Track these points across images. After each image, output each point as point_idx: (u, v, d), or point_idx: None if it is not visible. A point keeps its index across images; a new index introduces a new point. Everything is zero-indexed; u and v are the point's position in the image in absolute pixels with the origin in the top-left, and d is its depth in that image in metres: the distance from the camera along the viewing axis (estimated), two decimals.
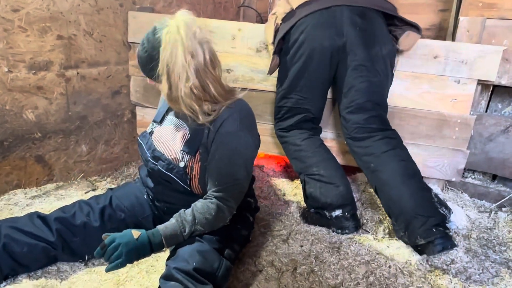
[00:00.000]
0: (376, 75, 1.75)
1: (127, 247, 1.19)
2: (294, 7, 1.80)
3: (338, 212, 1.75)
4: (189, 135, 1.38)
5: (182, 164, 1.37)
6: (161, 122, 1.50)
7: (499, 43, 1.94)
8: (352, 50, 1.73)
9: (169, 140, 1.42)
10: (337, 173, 1.82)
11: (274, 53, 1.90)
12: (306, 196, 1.87)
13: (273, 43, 1.89)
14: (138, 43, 2.27)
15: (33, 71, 1.85)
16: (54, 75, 1.94)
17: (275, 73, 2.02)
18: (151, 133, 1.50)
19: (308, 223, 1.84)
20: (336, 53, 1.75)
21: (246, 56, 2.14)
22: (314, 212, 1.83)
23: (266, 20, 2.07)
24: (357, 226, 1.79)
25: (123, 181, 2.22)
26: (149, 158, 1.44)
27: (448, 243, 1.56)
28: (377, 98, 1.79)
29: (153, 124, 1.53)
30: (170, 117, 1.48)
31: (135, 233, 1.23)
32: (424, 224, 1.56)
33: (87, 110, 2.14)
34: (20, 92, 1.82)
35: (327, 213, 1.77)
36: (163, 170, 1.40)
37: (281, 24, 1.85)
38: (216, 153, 1.30)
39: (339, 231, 1.76)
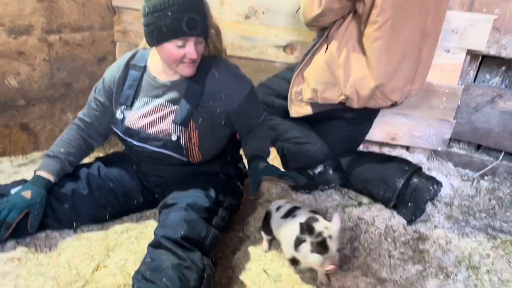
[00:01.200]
0: None
1: None
2: None
3: (320, 168, 1.78)
4: (177, 107, 1.36)
5: (174, 138, 1.36)
6: (131, 106, 1.42)
7: (490, 11, 1.92)
8: None
9: (154, 119, 1.39)
10: (311, 133, 1.86)
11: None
12: (286, 161, 1.89)
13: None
14: (123, 7, 2.20)
15: (13, 35, 1.78)
16: (35, 40, 1.87)
17: (263, 40, 1.98)
18: (123, 119, 1.43)
19: (295, 190, 1.86)
20: None
21: (235, 22, 2.09)
22: None
23: None
24: (342, 177, 1.83)
25: (111, 150, 2.20)
26: (134, 143, 1.42)
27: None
28: None
29: (121, 108, 1.43)
30: (145, 99, 1.40)
31: None
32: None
33: (71, 77, 2.09)
34: (0, 57, 1.76)
35: (310, 172, 1.79)
36: (154, 149, 1.39)
37: None
38: (244, 110, 1.43)
39: (326, 187, 1.81)
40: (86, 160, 1.99)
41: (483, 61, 2.10)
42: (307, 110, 1.77)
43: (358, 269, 1.36)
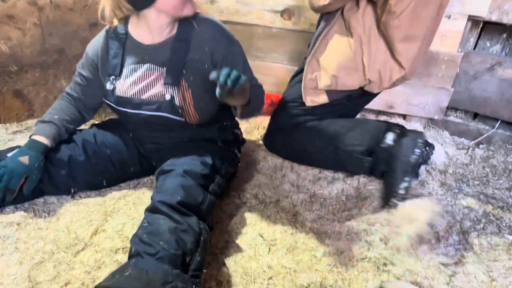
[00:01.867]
0: None
1: None
2: None
3: (391, 136, 1.66)
4: (165, 68, 1.35)
5: (168, 97, 1.35)
6: (120, 74, 1.40)
7: None
8: None
9: (145, 84, 1.37)
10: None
11: None
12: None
13: None
14: None
15: None
16: (25, 3, 1.81)
17: (259, 5, 1.92)
18: (113, 90, 1.40)
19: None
20: None
21: None
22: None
23: None
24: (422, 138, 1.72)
25: (107, 117, 2.19)
26: (129, 111, 1.40)
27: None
28: None
29: (110, 79, 1.41)
30: (132, 66, 1.38)
31: None
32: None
33: (64, 42, 2.04)
34: None
35: (382, 145, 1.66)
36: (150, 113, 1.38)
37: None
38: (230, 62, 1.40)
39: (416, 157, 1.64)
40: (81, 127, 2.00)
41: (484, 28, 2.06)
42: (323, 98, 1.66)
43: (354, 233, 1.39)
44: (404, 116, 2.23)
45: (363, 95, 1.71)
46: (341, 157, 1.68)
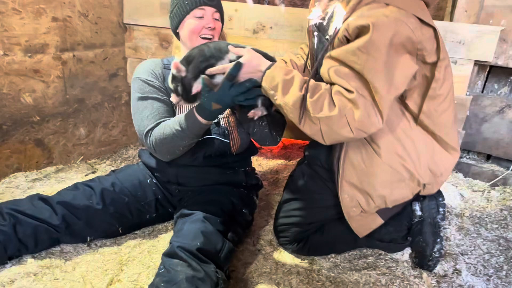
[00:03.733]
0: None
1: None
2: None
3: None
4: None
5: (215, 120, 1.46)
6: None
7: (497, 23, 1.94)
8: None
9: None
10: None
11: None
12: None
13: None
14: (134, 24, 2.26)
15: (29, 54, 1.84)
16: (50, 58, 1.93)
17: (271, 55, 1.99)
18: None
19: None
20: None
21: (243, 37, 2.12)
22: None
23: (263, 0, 2.04)
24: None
25: (122, 164, 2.24)
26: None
27: None
28: None
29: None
30: None
31: None
32: None
33: (84, 93, 2.14)
34: (16, 76, 1.82)
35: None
36: (206, 136, 1.49)
37: None
38: None
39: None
40: (98, 173, 2.04)
41: (491, 71, 2.10)
42: (378, 221, 1.38)
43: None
44: None
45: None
46: (377, 246, 1.53)
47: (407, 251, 1.51)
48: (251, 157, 1.75)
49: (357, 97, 1.10)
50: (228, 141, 1.52)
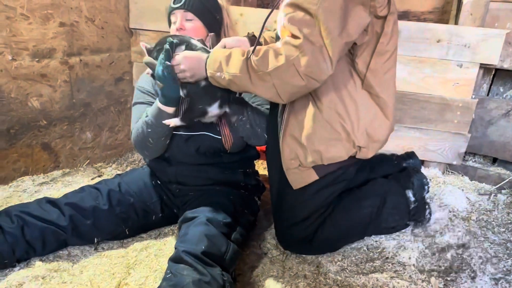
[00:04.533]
0: None
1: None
2: None
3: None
4: None
5: (174, 105, 1.44)
6: None
7: (502, 26, 1.94)
8: None
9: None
10: None
11: None
12: None
13: None
14: (140, 29, 2.27)
15: (37, 59, 1.86)
16: (57, 63, 1.95)
17: None
18: None
19: None
20: None
21: None
22: None
23: (268, 5, 2.05)
24: None
25: (128, 167, 2.25)
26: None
27: None
28: None
29: None
30: None
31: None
32: None
33: (91, 97, 2.16)
34: (24, 80, 1.83)
35: None
36: (191, 133, 1.49)
37: None
38: None
39: None
40: (105, 177, 2.05)
41: (496, 74, 2.10)
42: (312, 176, 1.39)
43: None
44: (422, 162, 2.22)
45: (358, 162, 1.44)
46: (383, 232, 1.62)
47: (414, 255, 1.51)
48: (254, 161, 1.75)
49: (303, 43, 1.10)
50: (220, 137, 1.52)
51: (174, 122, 1.39)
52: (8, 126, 1.82)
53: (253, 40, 1.49)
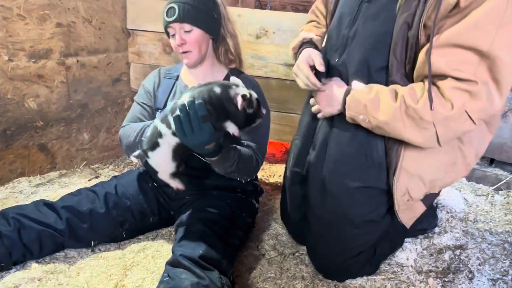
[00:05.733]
0: None
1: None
2: None
3: None
4: None
5: None
6: (163, 108, 1.52)
7: None
8: None
9: None
10: None
11: None
12: None
13: None
14: (137, 29, 2.27)
15: (34, 60, 1.85)
16: (54, 63, 1.94)
17: (274, 59, 1.99)
18: None
19: None
20: None
21: (246, 42, 2.13)
22: None
23: (265, 6, 2.05)
24: None
25: (126, 169, 2.24)
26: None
27: None
28: None
29: (157, 113, 1.51)
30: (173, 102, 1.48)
31: None
32: None
33: (88, 98, 2.15)
34: (21, 81, 1.82)
35: None
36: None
37: None
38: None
39: None
40: (102, 179, 2.04)
41: None
42: (420, 209, 1.32)
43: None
44: None
45: None
46: (415, 235, 1.60)
47: (412, 255, 1.51)
48: None
49: (481, 87, 0.97)
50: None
51: (181, 187, 1.36)
52: (5, 127, 1.81)
53: (315, 43, 1.38)
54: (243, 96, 1.17)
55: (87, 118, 2.17)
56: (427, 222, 1.60)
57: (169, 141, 1.23)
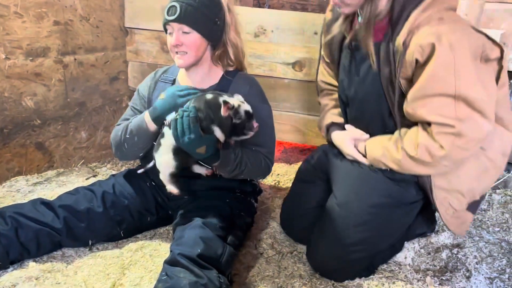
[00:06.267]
0: None
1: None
2: None
3: None
4: None
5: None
6: None
7: (497, 26, 1.95)
8: None
9: None
10: None
11: None
12: None
13: None
14: (135, 28, 2.26)
15: (31, 58, 1.84)
16: (51, 62, 1.93)
17: (272, 58, 1.98)
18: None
19: None
20: None
21: (244, 41, 2.11)
22: None
23: (264, 4, 2.05)
24: None
25: (123, 168, 2.23)
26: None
27: None
28: None
29: None
30: None
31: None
32: None
33: (85, 96, 2.14)
34: (18, 79, 1.82)
35: None
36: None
37: None
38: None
39: None
40: (99, 177, 2.04)
41: None
42: (470, 216, 1.39)
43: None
44: None
45: None
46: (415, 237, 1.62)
47: (410, 254, 1.51)
48: None
49: (461, 127, 1.13)
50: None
51: (175, 191, 1.41)
52: (2, 125, 1.81)
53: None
54: (224, 102, 1.27)
55: (84, 117, 2.16)
56: (426, 226, 1.60)
57: (169, 142, 1.33)
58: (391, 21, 1.21)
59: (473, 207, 1.38)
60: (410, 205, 1.36)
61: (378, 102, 1.32)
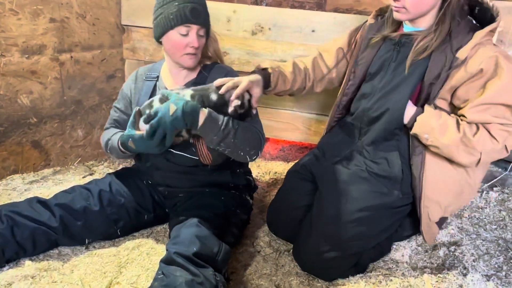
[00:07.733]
0: None
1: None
2: None
3: None
4: None
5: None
6: None
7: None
8: None
9: None
10: None
11: None
12: None
13: None
14: (132, 25, 2.25)
15: (26, 55, 1.83)
16: (47, 59, 1.92)
17: (269, 56, 1.97)
18: None
19: None
20: None
21: (242, 39, 2.12)
22: None
23: (261, 2, 2.04)
24: None
25: (120, 166, 2.23)
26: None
27: None
28: None
29: None
30: None
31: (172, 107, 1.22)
32: None
33: (82, 94, 2.13)
34: (14, 77, 1.80)
35: None
36: (174, 151, 1.44)
37: None
38: None
39: None
40: (96, 176, 2.03)
41: None
42: (436, 229, 1.56)
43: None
44: None
45: None
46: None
47: (407, 252, 1.51)
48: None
49: None
50: (196, 157, 1.45)
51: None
52: None
53: (264, 73, 1.53)
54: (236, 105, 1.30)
55: (81, 115, 2.15)
56: (411, 228, 1.59)
57: None
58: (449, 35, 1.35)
59: (441, 222, 1.55)
60: (398, 209, 1.45)
61: (405, 95, 1.40)
